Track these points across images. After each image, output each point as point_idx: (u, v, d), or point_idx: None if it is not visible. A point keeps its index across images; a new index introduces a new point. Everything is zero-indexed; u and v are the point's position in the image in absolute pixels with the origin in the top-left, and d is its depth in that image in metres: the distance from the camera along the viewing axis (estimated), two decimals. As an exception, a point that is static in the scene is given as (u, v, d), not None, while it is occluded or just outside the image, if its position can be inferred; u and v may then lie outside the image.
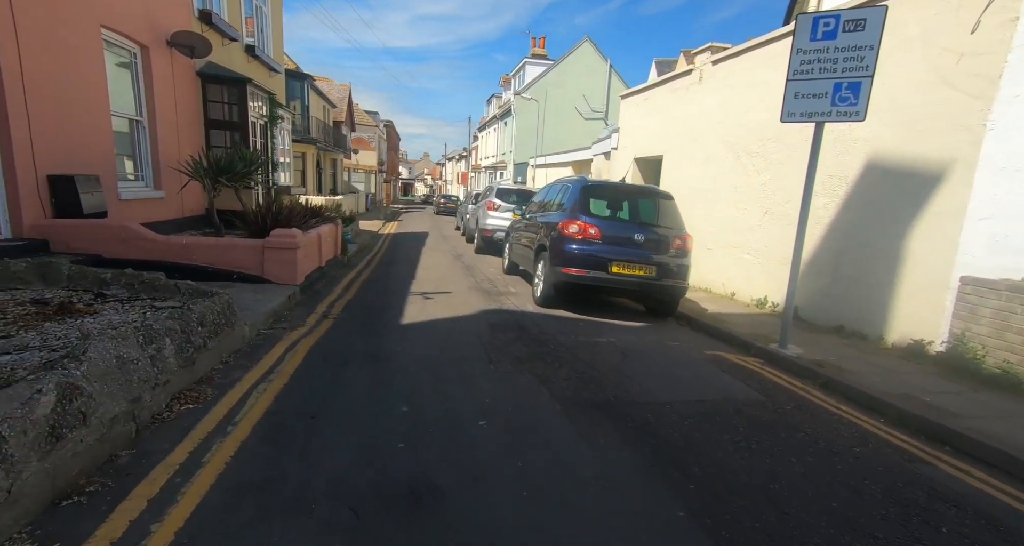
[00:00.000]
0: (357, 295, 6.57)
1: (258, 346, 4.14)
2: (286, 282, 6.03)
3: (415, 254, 11.44)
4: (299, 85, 20.94)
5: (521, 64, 28.15)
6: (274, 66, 12.04)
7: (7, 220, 4.82)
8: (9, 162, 4.74)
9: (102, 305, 3.85)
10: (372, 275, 8.26)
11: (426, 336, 4.79)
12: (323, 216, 8.41)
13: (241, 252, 5.83)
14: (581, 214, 5.96)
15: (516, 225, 8.78)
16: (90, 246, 5.23)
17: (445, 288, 7.38)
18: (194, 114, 8.50)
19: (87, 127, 5.81)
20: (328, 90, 29.29)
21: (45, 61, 5.11)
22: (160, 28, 7.30)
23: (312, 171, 21.62)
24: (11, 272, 4.00)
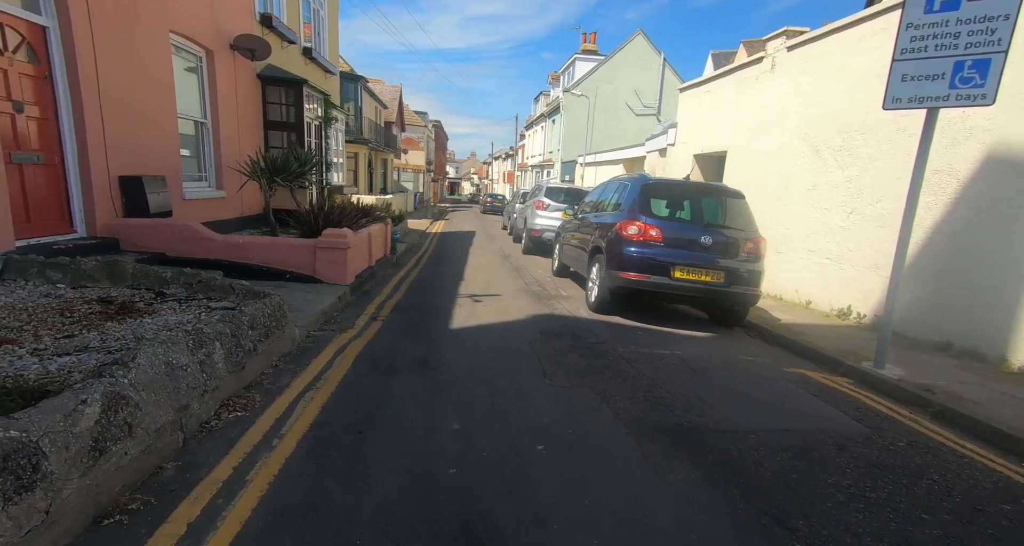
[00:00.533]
0: (406, 296, 6.47)
1: (307, 349, 4.06)
2: (337, 282, 6.00)
3: (463, 254, 11.33)
4: (353, 86, 21.48)
5: (571, 61, 27.61)
6: (329, 68, 12.30)
7: (83, 219, 5.04)
8: (85, 164, 4.94)
9: (161, 304, 3.88)
10: (420, 275, 8.18)
11: (476, 342, 4.57)
12: (373, 216, 8.41)
13: (294, 252, 5.85)
14: (641, 214, 5.54)
15: (567, 225, 8.43)
16: (155, 245, 5.40)
17: (494, 290, 7.16)
18: (254, 115, 8.75)
19: (155, 129, 6.02)
20: (380, 91, 30.00)
21: (118, 66, 5.30)
22: (224, 32, 7.52)
23: (364, 171, 22.15)
24: (83, 270, 4.12)
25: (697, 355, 4.63)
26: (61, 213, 4.85)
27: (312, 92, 9.69)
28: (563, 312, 6.01)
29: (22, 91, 4.37)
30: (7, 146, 4.23)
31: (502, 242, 14.62)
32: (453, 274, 8.40)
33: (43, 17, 4.53)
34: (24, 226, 4.43)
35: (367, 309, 5.63)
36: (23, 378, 2.32)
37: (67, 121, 4.79)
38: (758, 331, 5.67)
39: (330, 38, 12.88)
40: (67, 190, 4.88)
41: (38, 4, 4.51)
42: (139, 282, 4.26)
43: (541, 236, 11.05)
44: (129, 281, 4.24)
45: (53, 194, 4.75)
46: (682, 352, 4.67)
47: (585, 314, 5.98)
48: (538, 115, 33.61)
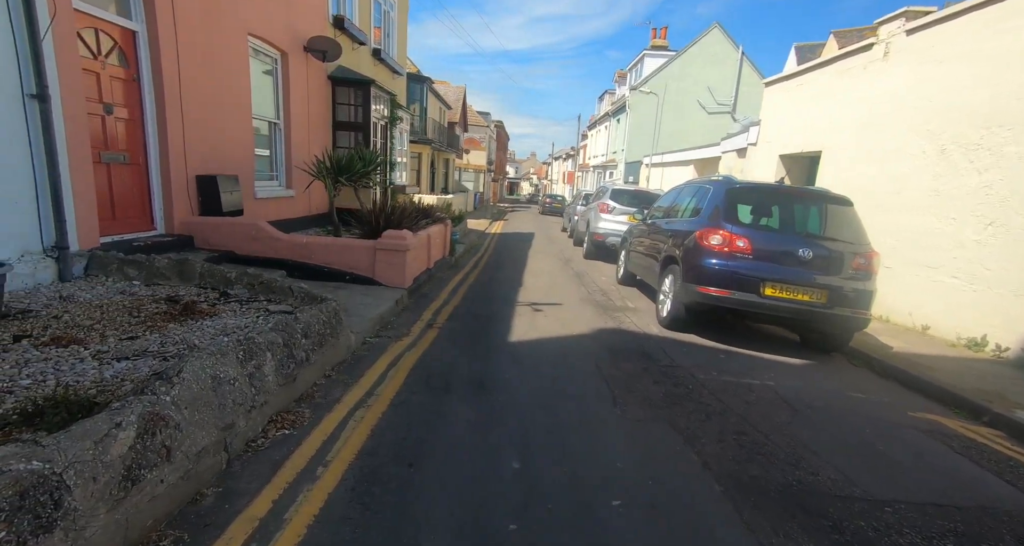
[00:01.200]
0: (463, 301, 6.24)
1: (361, 358, 3.89)
2: (395, 285, 5.88)
3: (522, 257, 11.02)
4: (419, 87, 21.87)
5: (639, 57, 26.55)
6: (397, 68, 12.45)
7: (162, 217, 5.23)
8: (166, 164, 5.11)
9: (223, 306, 3.85)
10: (478, 279, 7.95)
11: (537, 359, 4.20)
12: (433, 217, 8.30)
13: (354, 253, 5.79)
14: (726, 222, 4.92)
15: (635, 231, 7.87)
16: (226, 242, 5.52)
17: (555, 298, 6.76)
18: (324, 116, 8.93)
19: (232, 130, 6.19)
20: (444, 92, 30.47)
21: (199, 68, 5.46)
22: (298, 34, 7.69)
23: (426, 170, 22.52)
24: (156, 268, 4.21)
25: (794, 388, 3.98)
26: (143, 211, 5.05)
27: (379, 92, 9.77)
28: (631, 327, 5.50)
29: (112, 93, 4.55)
30: (97, 146, 4.41)
31: (562, 245, 14.18)
32: (512, 279, 8.10)
33: (133, 22, 4.72)
34: (110, 223, 4.63)
35: (423, 315, 5.44)
36: (75, 387, 2.25)
37: (151, 122, 4.97)
38: (864, 360, 4.86)
39: (399, 39, 13.05)
40: (149, 189, 5.08)
41: (130, 9, 4.70)
42: (206, 281, 4.29)
43: (604, 241, 10.51)
44: (197, 280, 4.29)
45: (136, 193, 4.95)
46: (775, 383, 4.04)
47: (656, 330, 5.44)
48: (601, 114, 32.72)
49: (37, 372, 2.36)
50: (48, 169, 3.68)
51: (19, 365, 2.41)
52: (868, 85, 7.00)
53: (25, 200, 3.60)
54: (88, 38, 4.28)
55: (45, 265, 3.74)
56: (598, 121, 33.38)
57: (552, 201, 32.34)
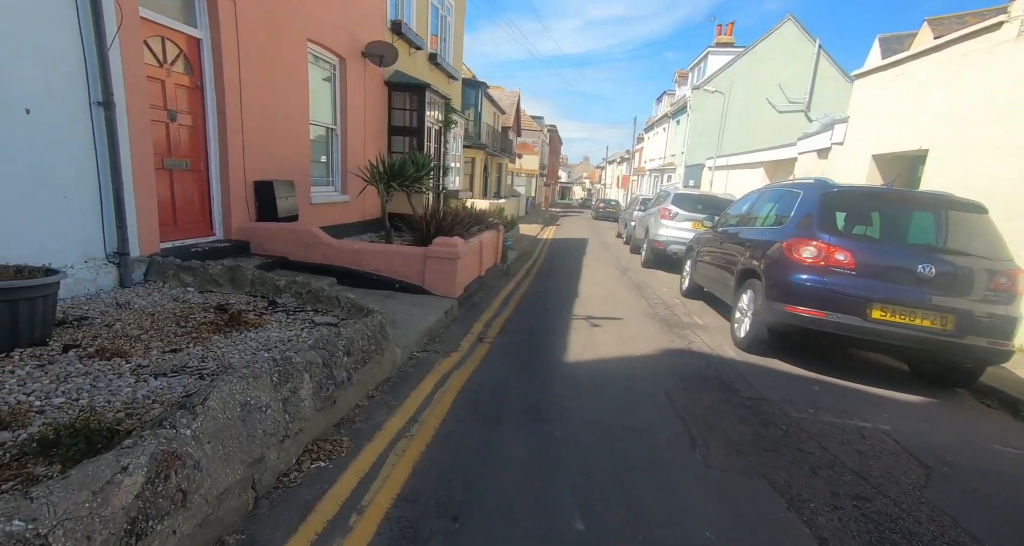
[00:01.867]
0: (515, 313, 5.89)
1: (407, 376, 3.62)
2: (445, 294, 5.63)
3: (576, 264, 10.54)
4: (474, 92, 21.94)
5: (702, 55, 25.26)
6: (453, 73, 12.40)
7: (221, 223, 5.28)
8: (225, 170, 5.15)
9: (270, 315, 3.72)
10: (531, 288, 7.58)
11: (597, 384, 3.76)
12: (486, 222, 8.03)
13: (404, 260, 5.60)
14: (822, 231, 4.24)
15: (702, 239, 7.20)
16: (280, 248, 5.50)
17: (614, 311, 6.26)
18: (380, 121, 8.94)
19: (290, 135, 6.22)
20: (499, 97, 30.52)
21: (259, 75, 5.50)
22: (357, 40, 7.71)
23: (479, 175, 22.53)
24: (210, 275, 4.18)
25: (918, 435, 3.27)
26: (203, 216, 5.11)
27: (434, 97, 9.69)
28: (703, 348, 4.91)
29: (176, 100, 4.62)
30: (160, 153, 4.48)
31: (618, 252, 13.53)
32: (566, 289, 7.66)
33: (198, 30, 4.78)
34: (171, 229, 4.69)
35: (474, 327, 5.13)
36: (103, 411, 2.09)
37: (212, 128, 5.02)
38: (1003, 401, 4.00)
39: (455, 44, 13.02)
40: (209, 195, 5.13)
41: (195, 17, 4.76)
42: (256, 289, 4.21)
43: (666, 249, 9.82)
44: (248, 288, 4.21)
45: (197, 199, 5.01)
46: (890, 427, 3.34)
47: (732, 353, 4.81)
48: (660, 116, 31.50)
49: (73, 389, 2.24)
50: (112, 176, 3.71)
51: (58, 380, 2.31)
52: (996, 71, 5.96)
53: (90, 206, 3.64)
54: (155, 46, 4.35)
55: (107, 271, 3.78)
56: (655, 123, 32.17)
57: (606, 206, 31.51)
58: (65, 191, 3.45)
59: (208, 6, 4.77)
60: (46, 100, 3.26)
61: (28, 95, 3.15)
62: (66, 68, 3.37)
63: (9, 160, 3.10)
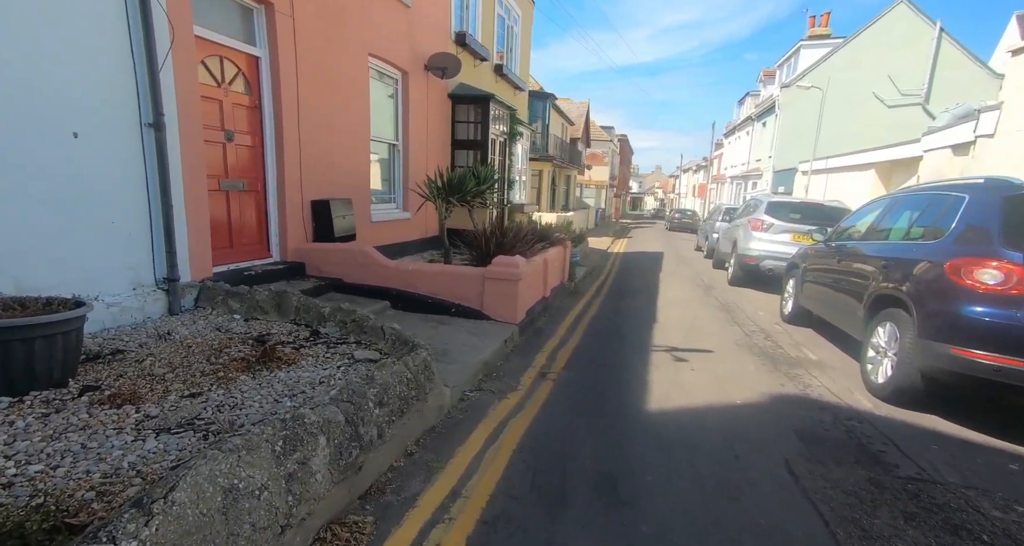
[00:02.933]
0: (584, 340, 5.19)
1: (456, 425, 3.08)
2: (505, 319, 5.08)
3: (652, 282, 9.58)
4: (541, 104, 21.61)
5: (793, 50, 23.03)
6: (519, 84, 12.05)
7: (278, 244, 5.15)
8: (282, 190, 5.02)
9: (309, 349, 3.36)
10: (602, 309, 6.82)
11: (691, 445, 2.97)
12: (551, 238, 7.42)
13: (460, 282, 5.13)
14: (1007, 248, 3.14)
15: (811, 254, 6.06)
16: (335, 269, 5.27)
17: (701, 341, 5.34)
18: (443, 135, 8.71)
19: (349, 153, 6.07)
20: (567, 109, 30.03)
21: (318, 91, 5.38)
22: (419, 53, 7.53)
23: (546, 187, 22.06)
24: (256, 302, 3.96)
25: None
26: (260, 238, 5.00)
27: (498, 107, 9.33)
28: (824, 395, 3.90)
29: (234, 120, 4.54)
30: (216, 174, 4.39)
31: (698, 267, 12.28)
32: (642, 311, 6.81)
33: (257, 48, 4.70)
34: (227, 252, 4.58)
35: (536, 359, 4.52)
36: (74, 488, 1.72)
37: (270, 148, 4.92)
38: None
39: (521, 54, 12.70)
40: (266, 216, 5.02)
41: (254, 35, 4.69)
42: (301, 317, 3.91)
43: (758, 265, 8.59)
44: (293, 315, 3.93)
45: (254, 220, 4.91)
46: None
47: (866, 403, 3.76)
48: (742, 119, 29.22)
49: (61, 451, 1.93)
50: (162, 200, 3.60)
51: (52, 437, 2.02)
52: None
53: (139, 232, 3.53)
54: (212, 66, 4.28)
55: (155, 298, 3.65)
56: (737, 127, 29.88)
57: (681, 216, 29.66)
58: (113, 216, 3.35)
59: (267, 23, 4.68)
60: (94, 123, 3.17)
61: (76, 118, 3.07)
62: (115, 89, 3.29)
63: (55, 185, 3.01)
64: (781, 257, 8.19)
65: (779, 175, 20.64)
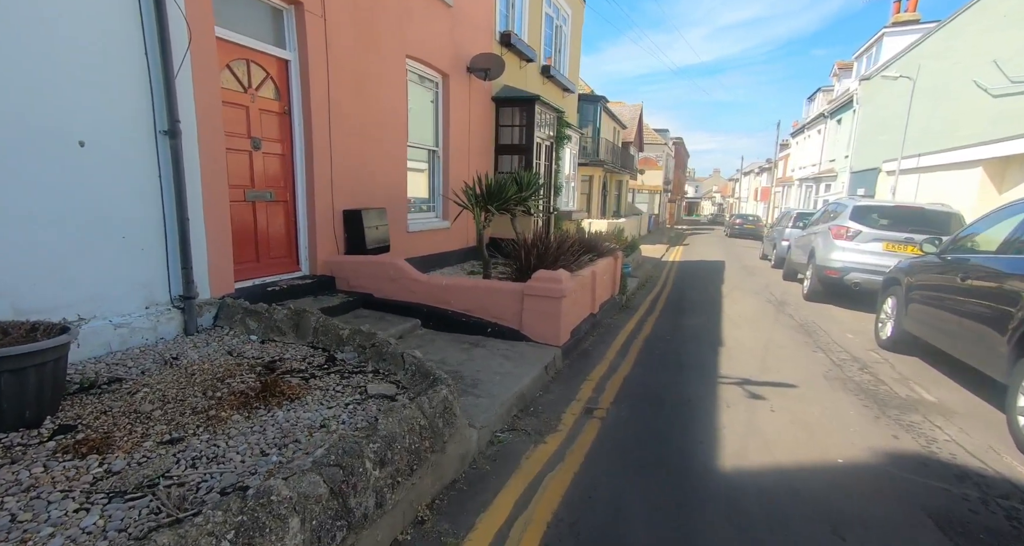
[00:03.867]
0: (637, 368, 4.52)
1: (481, 478, 2.56)
2: (546, 341, 4.52)
3: (713, 295, 8.66)
4: (592, 108, 20.93)
5: (875, 38, 20.89)
6: (568, 86, 11.50)
7: (307, 257, 4.89)
8: (311, 199, 4.76)
9: (320, 379, 2.97)
10: (657, 328, 6.09)
11: (778, 527, 2.27)
12: (600, 248, 6.78)
13: (497, 299, 4.63)
14: None
15: (919, 268, 5.06)
16: (365, 283, 4.94)
17: (779, 371, 4.52)
18: (486, 140, 8.31)
19: (384, 160, 5.77)
20: (619, 112, 29.07)
21: (351, 95, 5.11)
22: (461, 54, 7.18)
23: (597, 193, 21.27)
24: (274, 321, 3.65)
25: None
26: (289, 251, 4.76)
27: (544, 110, 8.82)
28: (958, 456, 3.02)
29: (261, 127, 4.32)
30: (242, 184, 4.17)
31: (766, 278, 11.11)
32: (703, 331, 6.01)
33: (287, 51, 4.47)
34: (252, 266, 4.35)
35: (581, 390, 3.93)
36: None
37: (300, 156, 4.68)
38: None
39: (571, 55, 12.15)
40: (295, 227, 4.77)
41: (283, 38, 4.47)
42: (319, 339, 3.56)
43: (842, 278, 7.48)
44: (310, 337, 3.58)
45: (283, 232, 4.67)
46: None
47: (1021, 469, 2.86)
48: (812, 117, 26.97)
49: (-14, 521, 1.58)
50: (177, 212, 3.37)
51: (-15, 499, 1.69)
52: None
53: (152, 247, 3.32)
54: (239, 70, 4.08)
55: (169, 317, 3.41)
56: (807, 125, 27.61)
57: (743, 222, 27.73)
58: (124, 231, 3.14)
59: (297, 24, 4.45)
60: (103, 130, 2.97)
61: (82, 126, 2.87)
62: (126, 94, 3.08)
63: (60, 198, 2.81)
64: (871, 270, 7.08)
65: (858, 176, 18.68)
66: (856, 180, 18.74)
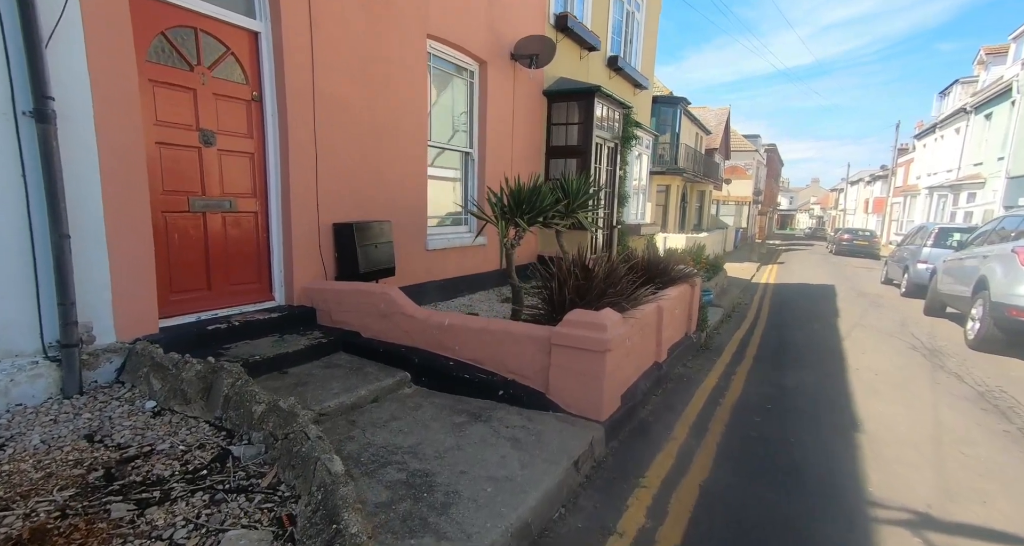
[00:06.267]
0: (721, 469, 2.93)
1: None
2: (582, 413, 3.10)
3: (827, 336, 6.58)
4: (671, 111, 18.94)
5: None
6: (639, 80, 9.93)
7: (283, 283, 3.88)
8: (288, 209, 3.75)
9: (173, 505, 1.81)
10: (749, 389, 4.36)
11: None
12: (671, 273, 5.16)
13: (514, 347, 3.29)
14: None
15: None
16: (350, 319, 3.82)
17: (976, 492, 2.68)
18: (534, 141, 7.03)
19: (394, 161, 4.69)
20: (703, 117, 26.52)
21: (349, 77, 4.08)
22: (503, 38, 5.99)
23: (675, 205, 19.09)
24: (180, 381, 2.59)
25: None
26: (258, 275, 3.77)
27: (606, 104, 7.36)
28: None
29: (217, 118, 3.38)
30: (183, 189, 3.24)
31: (898, 311, 8.59)
32: (823, 398, 4.18)
33: (257, 21, 3.52)
34: (199, 296, 3.40)
35: (627, 510, 2.47)
36: None
37: (274, 155, 3.69)
38: None
39: (645, 48, 10.57)
40: (268, 245, 3.78)
41: (253, 4, 3.52)
42: (228, 414, 2.43)
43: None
44: (219, 410, 2.46)
45: (249, 251, 3.70)
46: None
47: None
48: (946, 115, 22.55)
49: None
50: (51, 226, 2.43)
51: None
52: None
53: (9, 274, 2.39)
54: (181, 42, 3.16)
55: (34, 374, 2.47)
56: (940, 123, 23.16)
57: (852, 237, 23.73)
58: (-39, 253, 2.24)
59: (268, -12, 3.49)
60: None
61: None
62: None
63: None
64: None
65: (1018, 182, 14.86)
66: (1016, 187, 14.91)
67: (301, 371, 3.24)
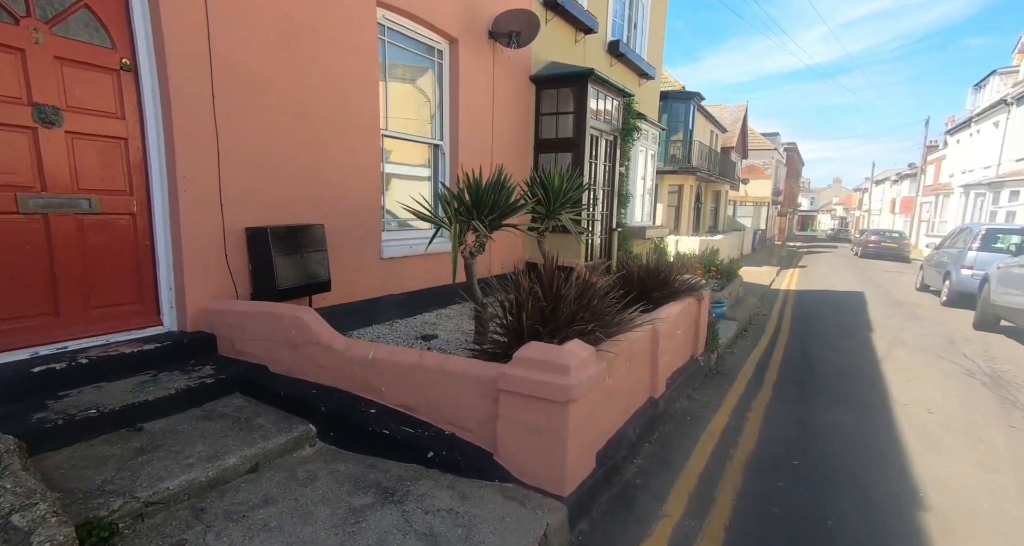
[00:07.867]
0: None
1: None
2: (537, 483, 2.26)
3: (862, 356, 5.58)
4: (683, 106, 17.90)
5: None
6: (646, 69, 9.01)
7: (173, 304, 3.09)
8: (177, 210, 2.97)
9: None
10: (769, 433, 3.42)
11: None
12: (671, 286, 4.26)
13: (456, 390, 2.45)
14: None
15: None
16: (255, 349, 3.02)
17: None
18: (520, 133, 6.17)
19: (339, 152, 3.88)
20: (719, 114, 25.37)
21: (271, 47, 3.29)
22: (478, 14, 5.16)
23: (688, 206, 18.03)
24: None
25: None
26: (137, 294, 2.99)
27: (603, 90, 6.48)
28: None
29: (64, 90, 2.62)
30: (8, 183, 2.46)
31: (941, 323, 7.48)
32: (864, 452, 3.23)
33: (124, -29, 2.75)
34: (42, 323, 2.63)
35: None
36: None
37: (155, 139, 2.91)
38: None
39: (651, 33, 9.64)
40: (152, 256, 3.00)
41: (117, -49, 2.76)
42: None
43: None
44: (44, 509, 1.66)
45: (125, 263, 2.92)
46: None
47: None
48: (982, 108, 21.02)
49: None
50: None
51: None
52: None
53: None
54: (5, -7, 2.40)
55: None
56: (976, 117, 21.61)
57: (880, 239, 22.27)
58: None
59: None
60: None
61: None
62: None
63: None
64: None
65: (1070, 179, 13.47)
66: (1067, 184, 13.52)
67: (164, 426, 2.43)
